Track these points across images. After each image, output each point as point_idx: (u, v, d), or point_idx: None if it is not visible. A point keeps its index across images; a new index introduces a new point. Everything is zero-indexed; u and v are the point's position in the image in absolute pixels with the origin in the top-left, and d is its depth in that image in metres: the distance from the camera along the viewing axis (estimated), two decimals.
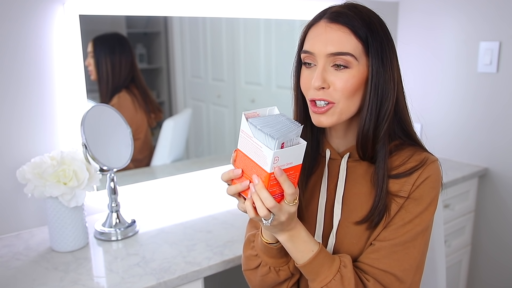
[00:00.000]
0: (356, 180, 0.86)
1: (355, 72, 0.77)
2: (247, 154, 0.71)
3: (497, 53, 1.78)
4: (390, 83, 0.79)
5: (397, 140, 0.86)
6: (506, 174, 1.84)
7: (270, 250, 0.84)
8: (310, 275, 0.79)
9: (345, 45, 0.76)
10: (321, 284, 0.78)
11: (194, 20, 1.67)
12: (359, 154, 0.84)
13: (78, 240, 1.17)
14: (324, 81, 0.77)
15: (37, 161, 1.14)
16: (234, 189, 0.74)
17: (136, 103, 1.55)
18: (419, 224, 0.81)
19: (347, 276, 0.78)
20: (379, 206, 0.81)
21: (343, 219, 0.85)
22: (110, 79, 1.48)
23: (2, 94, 1.22)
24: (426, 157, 0.83)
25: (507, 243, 1.89)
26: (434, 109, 2.03)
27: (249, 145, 0.70)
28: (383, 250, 0.80)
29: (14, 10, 1.19)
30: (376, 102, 0.79)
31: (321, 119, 0.80)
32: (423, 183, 0.81)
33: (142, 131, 1.59)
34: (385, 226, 0.82)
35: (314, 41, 0.79)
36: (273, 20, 1.81)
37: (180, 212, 1.45)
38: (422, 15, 2.04)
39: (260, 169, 0.69)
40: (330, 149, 0.89)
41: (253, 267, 0.89)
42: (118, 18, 1.48)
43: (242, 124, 0.70)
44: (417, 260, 0.81)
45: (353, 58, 0.76)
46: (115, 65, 1.49)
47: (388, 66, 0.79)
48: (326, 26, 0.78)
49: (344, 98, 0.78)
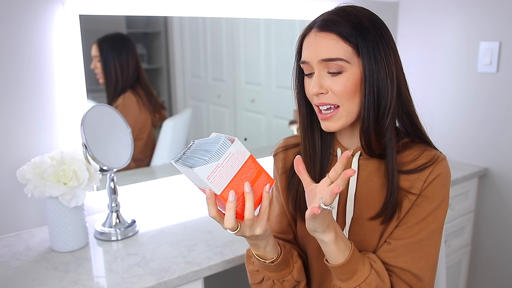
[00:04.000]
0: (368, 177, 0.87)
1: (350, 75, 0.79)
2: (200, 187, 0.74)
3: (497, 53, 1.78)
4: (387, 79, 0.80)
5: (407, 138, 0.87)
6: (506, 174, 1.84)
7: (269, 267, 0.84)
8: (346, 274, 0.78)
9: (334, 51, 0.78)
10: (358, 281, 0.77)
11: (194, 20, 1.67)
12: (365, 150, 0.85)
13: (78, 240, 1.17)
14: (321, 87, 0.80)
15: (37, 161, 1.14)
16: (212, 208, 0.74)
17: (140, 103, 1.55)
18: (434, 222, 0.82)
19: (381, 270, 0.79)
20: (392, 199, 0.82)
21: (356, 216, 0.86)
22: (120, 80, 1.49)
23: (2, 94, 1.22)
24: (436, 155, 0.84)
25: (507, 243, 1.89)
26: (434, 109, 2.03)
27: (195, 181, 0.72)
28: (400, 249, 0.81)
29: (14, 10, 1.19)
30: (374, 99, 0.80)
31: (328, 125, 0.83)
32: (435, 180, 0.82)
33: (145, 131, 1.59)
34: (398, 223, 0.82)
35: (307, 51, 0.81)
36: (273, 20, 1.81)
37: (180, 212, 1.45)
38: (422, 15, 2.04)
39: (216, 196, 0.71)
40: (341, 148, 0.90)
41: (258, 282, 0.89)
42: (118, 18, 1.47)
43: (182, 171, 0.71)
44: (433, 258, 0.82)
45: (344, 62, 0.78)
46: (124, 66, 1.49)
47: (383, 62, 0.79)
48: (315, 35, 0.80)
49: (346, 100, 0.80)
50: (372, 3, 0.91)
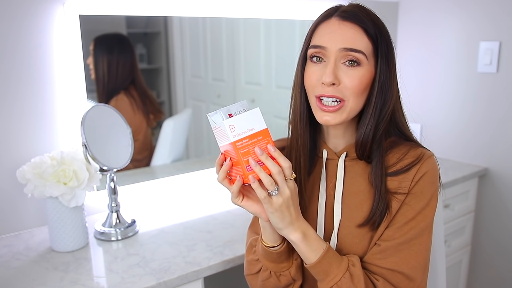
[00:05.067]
0: (355, 179, 0.86)
1: (365, 71, 0.79)
2: (222, 144, 0.76)
3: (497, 53, 1.78)
4: (393, 85, 0.82)
5: (392, 137, 0.86)
6: (506, 174, 1.84)
7: (270, 255, 0.84)
8: (320, 275, 0.78)
9: (358, 42, 0.77)
10: (330, 283, 0.77)
11: (194, 20, 1.67)
12: (357, 153, 0.84)
13: (78, 240, 1.17)
14: (336, 77, 0.78)
15: (37, 161, 1.14)
16: (222, 172, 0.75)
17: (134, 106, 1.54)
18: (422, 221, 0.81)
19: (356, 274, 0.78)
20: (380, 206, 0.81)
21: (344, 219, 0.85)
22: (106, 79, 1.47)
23: (2, 94, 1.22)
24: (422, 153, 0.83)
25: (507, 243, 1.89)
26: (434, 109, 2.03)
27: (218, 136, 0.75)
28: (389, 250, 0.80)
29: (14, 10, 1.19)
30: (381, 102, 0.80)
31: (328, 118, 0.80)
32: (422, 178, 0.81)
33: (140, 132, 1.59)
34: (388, 224, 0.81)
35: (327, 37, 0.79)
36: (273, 20, 1.81)
37: (180, 212, 1.45)
38: (422, 15, 2.04)
39: (229, 146, 0.73)
40: (327, 149, 0.89)
41: (255, 272, 0.89)
42: (118, 18, 1.47)
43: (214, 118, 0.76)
44: (424, 257, 0.81)
45: (364, 56, 0.78)
46: (112, 65, 1.48)
47: (393, 68, 0.81)
48: (339, 23, 0.79)
49: (354, 96, 0.79)
50: (372, 3, 0.91)
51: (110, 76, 1.48)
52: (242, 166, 0.73)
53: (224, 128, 0.72)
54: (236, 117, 0.72)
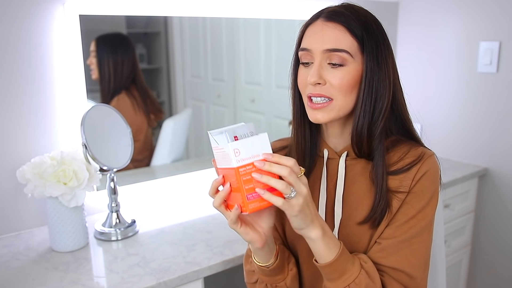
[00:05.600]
0: (355, 178, 0.86)
1: (351, 70, 0.79)
2: (221, 166, 0.71)
3: (497, 53, 1.78)
4: (385, 81, 0.80)
5: (393, 136, 0.86)
6: (506, 174, 1.84)
7: (264, 271, 0.84)
8: (335, 273, 0.76)
9: (340, 42, 0.78)
10: (347, 281, 0.76)
11: (194, 20, 1.67)
12: (355, 151, 0.84)
13: (78, 240, 1.17)
14: (320, 77, 0.79)
15: (37, 161, 1.14)
16: (219, 198, 0.72)
17: (135, 105, 1.55)
18: (423, 219, 0.81)
19: (372, 270, 0.78)
20: (380, 204, 0.81)
21: (344, 217, 0.85)
22: (112, 79, 1.48)
23: (2, 94, 1.22)
24: (423, 152, 0.83)
25: (507, 243, 1.89)
26: (434, 109, 2.03)
27: (218, 156, 0.70)
28: (390, 248, 0.80)
29: (14, 10, 1.19)
30: (370, 100, 0.80)
31: (317, 116, 0.81)
32: (423, 178, 0.81)
33: (142, 132, 1.59)
34: (388, 223, 0.82)
35: (311, 39, 0.80)
36: (273, 20, 1.81)
37: (180, 212, 1.45)
38: (422, 15, 2.04)
39: (231, 170, 0.68)
40: (327, 149, 0.89)
41: (253, 282, 0.90)
42: (118, 18, 1.47)
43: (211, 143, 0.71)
44: (425, 255, 0.81)
45: (348, 55, 0.78)
46: (117, 65, 1.49)
47: (384, 64, 0.80)
48: (322, 24, 0.80)
49: (341, 95, 0.79)
50: (372, 3, 0.91)
51: (116, 76, 1.49)
52: (242, 194, 0.68)
53: (228, 152, 0.67)
54: (242, 141, 0.68)
